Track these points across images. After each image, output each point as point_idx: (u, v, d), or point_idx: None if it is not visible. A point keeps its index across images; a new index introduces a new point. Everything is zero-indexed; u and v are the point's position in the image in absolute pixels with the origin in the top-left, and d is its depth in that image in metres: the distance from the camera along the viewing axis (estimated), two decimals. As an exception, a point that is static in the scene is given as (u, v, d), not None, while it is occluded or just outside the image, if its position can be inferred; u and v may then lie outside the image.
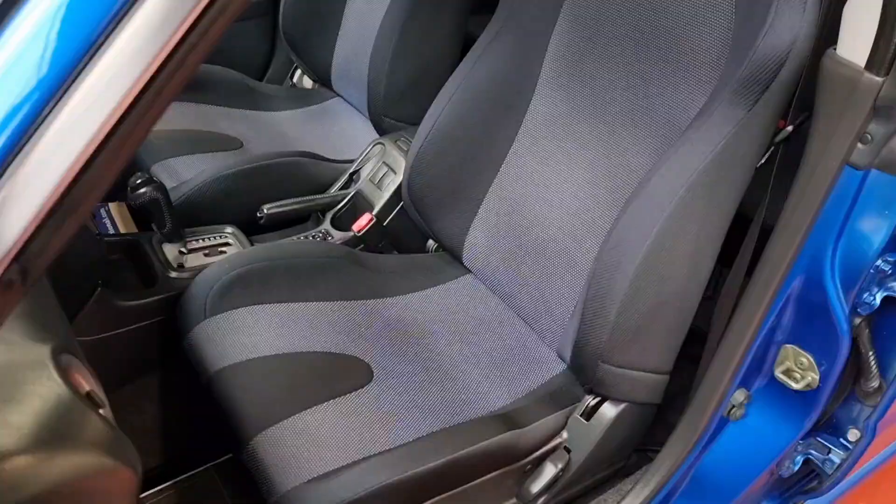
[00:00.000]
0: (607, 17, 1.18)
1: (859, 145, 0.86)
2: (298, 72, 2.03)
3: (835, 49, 0.88)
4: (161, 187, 1.26)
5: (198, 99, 1.77)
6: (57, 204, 0.54)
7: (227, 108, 1.80)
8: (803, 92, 0.95)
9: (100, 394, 0.67)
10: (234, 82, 1.87)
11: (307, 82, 2.02)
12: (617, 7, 1.16)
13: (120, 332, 1.25)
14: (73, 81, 0.54)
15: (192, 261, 1.35)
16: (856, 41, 0.84)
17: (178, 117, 1.71)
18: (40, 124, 0.54)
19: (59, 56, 0.54)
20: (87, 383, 0.66)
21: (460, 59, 1.33)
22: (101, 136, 0.56)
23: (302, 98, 1.93)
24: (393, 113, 1.63)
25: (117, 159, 0.58)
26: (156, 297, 1.26)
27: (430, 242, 1.51)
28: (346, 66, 1.82)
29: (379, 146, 1.58)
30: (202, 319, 1.18)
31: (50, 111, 0.54)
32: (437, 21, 1.56)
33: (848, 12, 0.86)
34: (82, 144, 0.55)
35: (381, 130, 1.67)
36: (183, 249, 1.35)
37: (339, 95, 1.91)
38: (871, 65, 0.83)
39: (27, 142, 0.54)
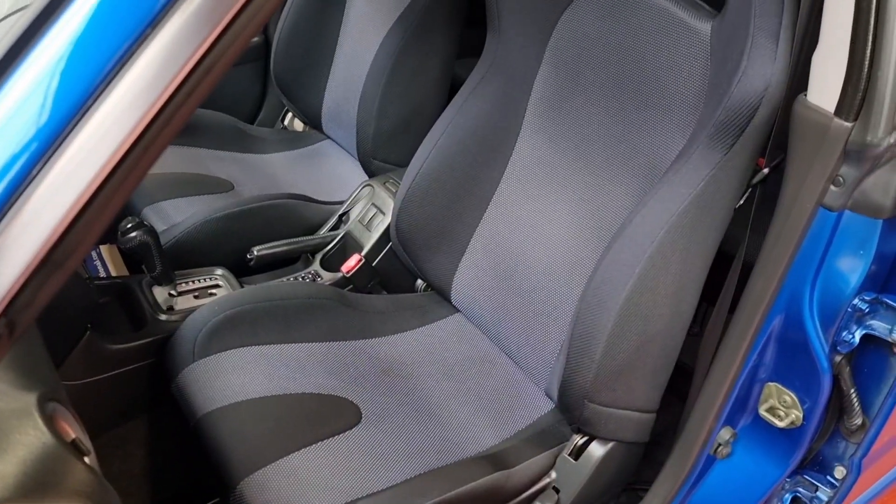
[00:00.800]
0: (587, 62, 1.21)
1: (832, 188, 0.89)
2: (289, 115, 2.06)
3: (806, 95, 0.90)
4: (151, 231, 1.28)
5: (189, 142, 1.79)
6: (47, 256, 0.55)
7: (218, 150, 1.83)
8: (778, 135, 0.97)
9: (85, 441, 0.67)
10: (226, 126, 1.90)
11: (298, 125, 2.05)
12: (597, 52, 1.19)
13: (108, 375, 1.25)
14: (69, 135, 0.56)
15: (182, 303, 1.35)
16: (825, 88, 0.87)
17: (170, 160, 1.73)
18: (35, 176, 0.56)
19: (57, 107, 0.56)
20: (72, 431, 0.66)
21: (448, 102, 1.36)
22: (93, 189, 0.57)
23: (293, 140, 1.96)
24: (382, 155, 1.66)
25: (107, 211, 0.59)
26: (145, 341, 1.27)
27: (419, 282, 1.52)
28: (336, 109, 1.85)
29: (368, 188, 1.60)
30: (190, 362, 1.18)
31: (45, 163, 0.56)
32: (425, 65, 1.60)
33: (817, 60, 0.89)
34: (74, 196, 0.57)
35: (370, 172, 1.70)
36: (173, 292, 1.36)
37: (329, 138, 1.94)
38: (839, 110, 0.85)
39: (22, 193, 0.55)
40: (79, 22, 0.55)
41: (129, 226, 1.26)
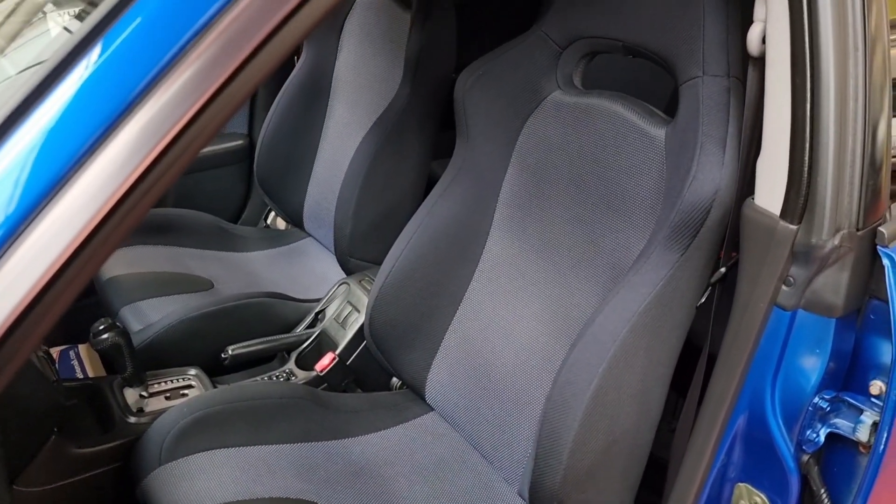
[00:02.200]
0: (552, 165, 1.26)
1: (784, 287, 0.91)
2: (272, 214, 2.11)
3: (753, 199, 0.94)
4: (123, 332, 1.29)
5: (170, 242, 1.82)
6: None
7: (199, 249, 1.86)
8: (733, 236, 1.00)
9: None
10: (208, 225, 1.94)
11: (281, 223, 2.10)
12: (560, 157, 1.24)
13: (74, 480, 1.23)
14: (31, 223, 0.58)
15: (153, 404, 1.35)
16: (770, 192, 0.91)
17: (150, 260, 1.76)
18: None
19: (27, 194, 0.58)
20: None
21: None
22: (45, 282, 0.59)
23: (274, 239, 2.00)
24: (358, 253, 1.69)
25: (57, 306, 0.60)
26: (112, 444, 1.25)
27: (394, 380, 1.52)
28: (317, 209, 1.89)
29: (344, 286, 1.62)
30: (157, 466, 1.17)
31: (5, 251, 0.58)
32: (400, 167, 1.65)
33: (761, 166, 0.93)
34: (26, 288, 0.58)
35: (348, 270, 1.72)
36: (144, 393, 1.35)
37: (310, 236, 1.98)
38: (784, 214, 0.88)
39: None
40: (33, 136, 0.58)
41: (102, 327, 1.27)
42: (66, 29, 1.15)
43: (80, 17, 1.11)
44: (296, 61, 1.94)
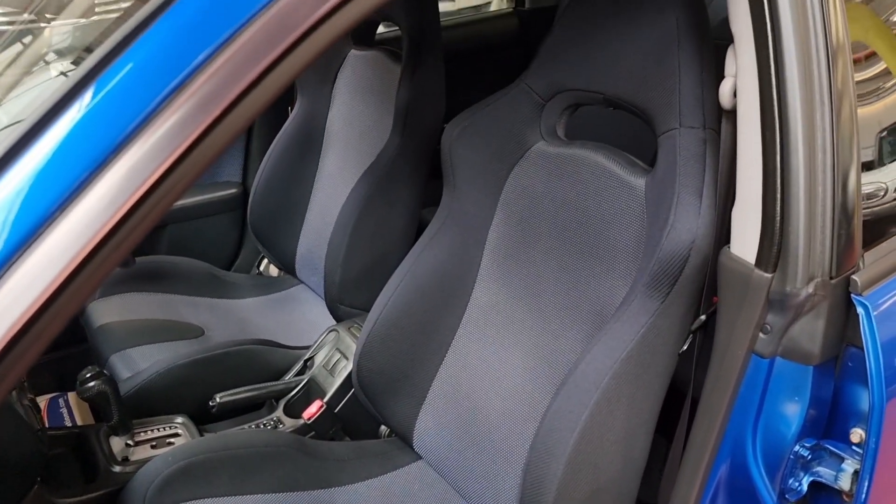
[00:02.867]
0: (537, 214, 1.28)
1: (761, 335, 0.92)
2: (265, 261, 2.12)
3: (729, 247, 0.96)
4: (109, 380, 1.29)
5: (163, 289, 1.83)
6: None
7: (191, 297, 1.87)
8: (711, 284, 1.02)
9: None
10: (200, 272, 1.95)
11: (273, 270, 2.11)
12: (544, 206, 1.26)
13: (57, 531, 1.22)
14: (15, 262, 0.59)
15: (139, 453, 1.34)
16: (745, 241, 0.93)
17: (142, 307, 1.76)
18: None
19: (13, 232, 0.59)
20: None
21: (414, 249, 1.42)
22: (27, 319, 0.59)
23: (267, 286, 2.01)
24: (348, 300, 1.70)
25: (39, 343, 0.61)
26: (96, 494, 1.24)
27: (383, 428, 1.51)
28: (309, 256, 1.91)
29: (333, 333, 1.63)
30: (140, 516, 1.16)
31: None
32: (389, 216, 1.67)
33: (736, 215, 0.95)
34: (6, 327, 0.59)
35: (338, 317, 1.73)
36: (130, 442, 1.35)
37: (302, 283, 1.99)
38: (759, 262, 0.90)
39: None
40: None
41: (88, 375, 1.27)
42: (62, 73, 1.18)
43: (76, 62, 1.14)
44: (290, 111, 1.98)
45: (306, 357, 1.63)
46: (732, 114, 0.96)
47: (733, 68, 0.93)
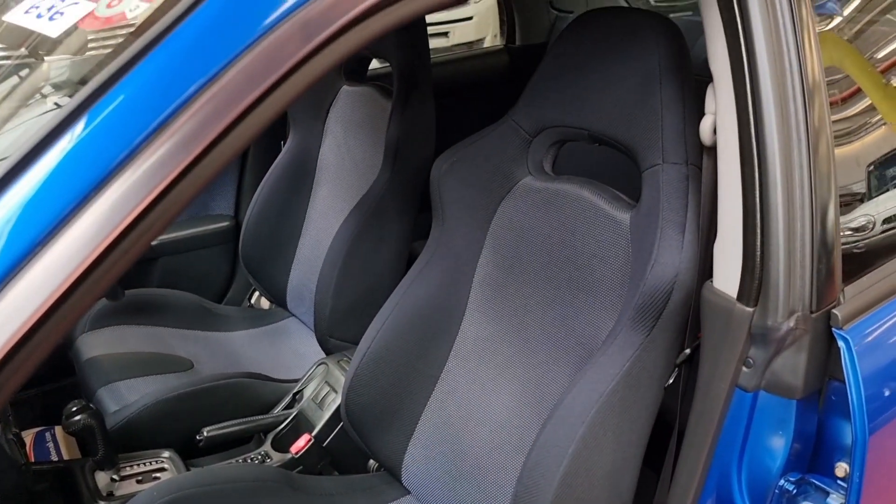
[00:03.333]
0: (524, 248, 1.29)
1: (744, 369, 0.92)
2: (256, 293, 2.12)
3: (712, 281, 0.97)
4: (95, 414, 1.28)
5: (153, 322, 1.83)
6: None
7: (181, 329, 1.86)
8: (696, 318, 1.02)
9: None
10: (190, 305, 1.95)
11: (264, 303, 2.11)
12: (532, 239, 1.28)
13: (38, 568, 1.20)
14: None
15: (124, 488, 1.33)
16: (727, 275, 0.94)
17: (132, 340, 1.76)
18: None
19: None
20: None
21: (405, 283, 1.42)
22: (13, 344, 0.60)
23: (257, 318, 2.01)
24: (338, 333, 1.70)
25: (28, 363, 0.61)
26: (79, 529, 1.23)
27: (372, 462, 1.50)
28: (300, 288, 1.92)
29: (322, 366, 1.63)
30: (123, 553, 1.14)
31: None
32: (379, 249, 1.68)
33: (718, 249, 0.96)
34: None
35: (328, 350, 1.73)
36: (115, 476, 1.34)
37: (293, 315, 1.99)
38: (741, 296, 0.91)
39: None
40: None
41: (74, 409, 1.27)
42: (56, 105, 1.20)
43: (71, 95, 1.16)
44: (282, 146, 2.00)
45: (295, 390, 1.63)
46: (713, 150, 0.98)
47: (713, 106, 0.95)
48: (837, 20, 1.09)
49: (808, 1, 0.90)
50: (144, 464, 1.39)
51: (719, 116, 0.94)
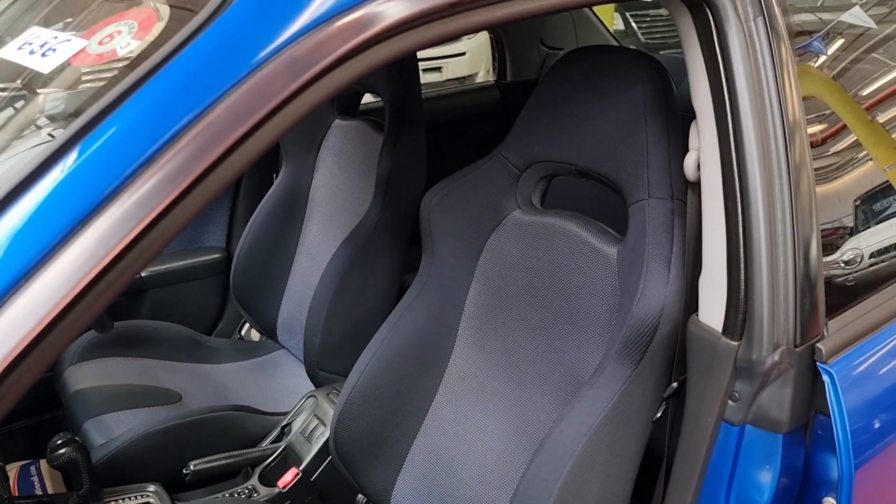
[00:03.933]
0: (513, 281, 1.29)
1: (730, 402, 0.93)
2: (247, 325, 2.12)
3: (697, 315, 0.97)
4: (80, 447, 1.27)
5: (141, 354, 1.82)
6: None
7: (170, 361, 1.85)
8: (683, 351, 1.03)
9: None
10: (180, 337, 1.94)
11: (255, 335, 2.10)
12: (520, 273, 1.28)
13: None
14: None
15: (108, 523, 1.31)
16: (712, 309, 0.95)
17: (120, 373, 1.75)
18: None
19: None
20: None
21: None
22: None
23: (247, 350, 2.00)
24: (328, 366, 1.69)
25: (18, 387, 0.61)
26: (61, 566, 1.21)
27: (360, 497, 1.48)
28: (290, 321, 1.91)
29: (311, 399, 1.62)
30: (105, 590, 1.13)
31: None
32: (370, 282, 1.69)
33: (703, 283, 0.97)
34: None
35: (317, 383, 1.72)
36: (100, 511, 1.32)
37: (284, 348, 1.98)
38: (726, 330, 0.92)
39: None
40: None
41: (59, 442, 1.25)
42: (50, 136, 1.21)
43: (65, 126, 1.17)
44: (274, 178, 2.02)
45: (283, 423, 1.61)
46: (697, 185, 0.99)
47: (696, 143, 0.97)
48: (822, 59, 1.11)
49: (787, 41, 0.92)
50: (130, 498, 1.37)
51: (703, 153, 0.95)
